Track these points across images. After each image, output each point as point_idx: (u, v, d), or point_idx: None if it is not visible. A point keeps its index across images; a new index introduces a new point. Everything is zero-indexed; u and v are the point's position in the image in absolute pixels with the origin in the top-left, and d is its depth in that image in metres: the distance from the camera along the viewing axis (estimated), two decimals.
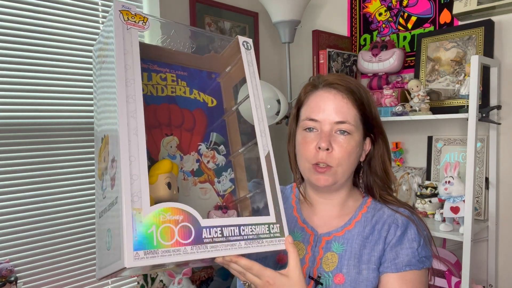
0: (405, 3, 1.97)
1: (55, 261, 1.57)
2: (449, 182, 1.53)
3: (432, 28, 1.90)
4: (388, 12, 2.04)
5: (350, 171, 0.87)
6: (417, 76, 1.87)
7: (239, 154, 0.82)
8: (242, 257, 0.64)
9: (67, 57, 1.60)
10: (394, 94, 1.81)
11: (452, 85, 1.76)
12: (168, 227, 0.56)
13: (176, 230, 0.57)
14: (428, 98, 1.70)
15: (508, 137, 1.69)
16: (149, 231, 0.55)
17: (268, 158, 0.71)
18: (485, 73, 1.65)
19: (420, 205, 1.74)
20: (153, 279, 1.72)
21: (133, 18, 0.65)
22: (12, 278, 1.39)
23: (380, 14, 2.07)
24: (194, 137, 0.81)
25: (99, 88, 0.71)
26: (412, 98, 1.72)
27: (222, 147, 0.83)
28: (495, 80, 1.64)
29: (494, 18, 1.69)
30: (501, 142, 1.70)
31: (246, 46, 0.76)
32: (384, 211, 0.87)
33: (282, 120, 1.92)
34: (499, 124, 1.67)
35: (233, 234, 0.62)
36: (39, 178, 1.54)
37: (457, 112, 1.59)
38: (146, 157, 0.58)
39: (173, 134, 0.78)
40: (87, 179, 1.67)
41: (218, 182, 0.82)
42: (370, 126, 0.88)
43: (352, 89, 0.85)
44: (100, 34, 0.72)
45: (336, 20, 2.23)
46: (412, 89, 1.71)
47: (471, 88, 1.47)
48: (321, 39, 2.01)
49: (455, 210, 1.52)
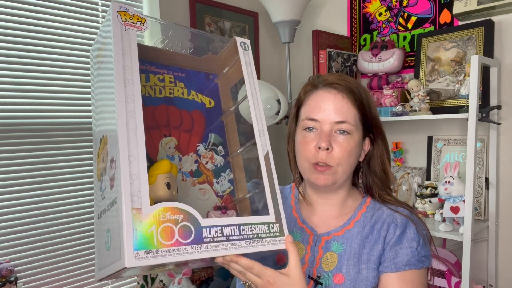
0: (405, 3, 1.97)
1: (55, 261, 1.57)
2: (449, 182, 1.53)
3: (432, 28, 1.90)
4: (388, 12, 2.04)
5: (349, 171, 0.87)
6: (417, 76, 1.87)
7: (238, 155, 0.82)
8: (243, 256, 0.64)
9: (67, 57, 1.60)
10: (394, 94, 1.81)
11: (452, 85, 1.76)
12: (168, 227, 0.56)
13: (176, 229, 0.57)
14: (428, 98, 1.70)
15: (508, 137, 1.69)
16: (149, 231, 0.54)
17: (267, 157, 0.70)
18: (485, 73, 1.65)
19: (420, 205, 1.74)
20: (153, 279, 1.72)
21: (131, 19, 0.65)
22: (12, 278, 1.39)
23: (380, 14, 2.07)
24: (193, 138, 0.80)
25: (97, 88, 0.71)
26: (412, 98, 1.72)
27: (220, 148, 0.83)
28: (495, 80, 1.64)
29: (494, 18, 1.69)
30: (501, 142, 1.70)
31: (243, 47, 0.76)
32: (383, 211, 0.88)
33: (282, 120, 1.91)
34: (499, 124, 1.67)
35: (233, 234, 0.62)
36: (39, 178, 1.54)
37: (457, 112, 1.59)
38: (145, 156, 0.58)
39: (171, 135, 0.78)
40: (87, 179, 1.66)
41: (217, 182, 0.81)
42: (370, 126, 0.88)
43: (352, 89, 0.85)
44: (98, 35, 0.72)
45: (336, 20, 2.23)
46: (412, 89, 1.71)
47: (471, 88, 1.47)
48: (321, 39, 2.01)
49: (455, 210, 1.52)
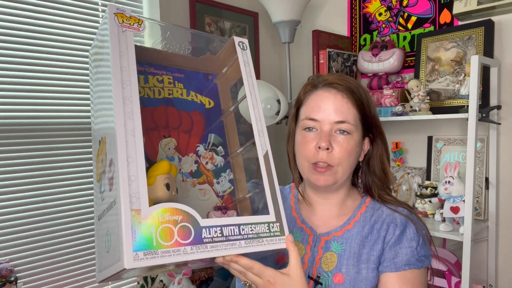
0: (405, 3, 1.97)
1: (55, 261, 1.57)
2: (449, 182, 1.53)
3: (432, 28, 1.90)
4: (388, 12, 2.04)
5: (350, 171, 0.87)
6: (417, 76, 1.87)
7: (238, 155, 0.82)
8: (243, 256, 0.64)
9: (67, 57, 1.60)
10: (394, 94, 1.81)
11: (452, 85, 1.76)
12: (167, 228, 0.56)
13: (175, 230, 0.57)
14: (428, 98, 1.70)
15: (508, 137, 1.69)
16: (148, 232, 0.54)
17: (266, 157, 0.70)
18: (485, 73, 1.65)
19: (420, 205, 1.74)
20: (153, 279, 1.72)
21: (128, 20, 0.65)
22: (12, 278, 1.39)
23: (380, 14, 2.07)
24: (192, 138, 0.80)
25: (96, 92, 0.71)
26: (412, 98, 1.72)
27: (220, 148, 0.83)
28: (495, 80, 1.63)
29: (494, 18, 1.69)
30: (501, 142, 1.69)
31: (241, 47, 0.76)
32: (383, 211, 0.88)
33: (282, 120, 1.92)
34: (499, 124, 1.67)
35: (233, 234, 0.61)
36: (39, 178, 1.54)
37: (457, 112, 1.59)
38: (144, 158, 0.58)
39: (171, 136, 0.78)
40: (87, 179, 1.67)
41: (217, 183, 0.81)
42: (369, 126, 0.88)
43: (351, 89, 0.85)
44: (95, 37, 0.72)
45: (336, 20, 2.23)
46: (412, 89, 1.71)
47: (471, 88, 1.47)
48: (321, 39, 2.01)
49: (455, 210, 1.52)
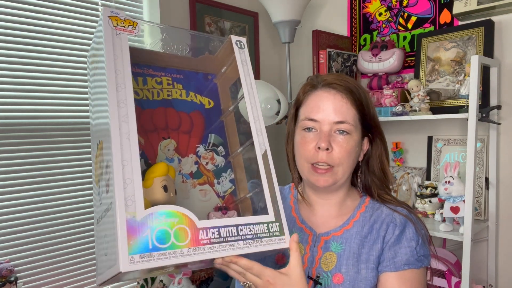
0: (405, 3, 1.97)
1: (55, 261, 1.57)
2: (449, 182, 1.53)
3: (432, 28, 1.90)
4: (388, 12, 2.04)
5: (349, 171, 0.87)
6: (417, 76, 1.87)
7: (238, 155, 0.82)
8: (242, 257, 0.64)
9: (67, 57, 1.60)
10: (394, 94, 1.81)
11: (452, 85, 1.76)
12: (163, 230, 0.56)
13: (171, 232, 0.56)
14: (428, 98, 1.70)
15: (508, 137, 1.69)
16: (144, 235, 0.54)
17: (265, 156, 0.70)
18: (485, 73, 1.65)
19: (420, 205, 1.74)
20: (153, 279, 1.72)
21: (122, 23, 0.66)
22: (12, 278, 1.39)
23: (380, 14, 2.06)
24: (192, 139, 0.80)
25: (93, 95, 0.71)
26: (412, 98, 1.72)
27: (221, 148, 0.83)
28: (495, 80, 1.63)
29: (494, 18, 1.68)
30: (501, 142, 1.69)
31: (239, 45, 0.76)
32: (382, 211, 0.88)
33: (282, 120, 1.92)
34: (499, 124, 1.66)
35: (230, 235, 0.61)
36: (39, 178, 1.54)
37: (457, 112, 1.59)
38: (139, 160, 0.58)
39: (170, 137, 0.78)
40: (87, 179, 1.66)
41: (218, 183, 0.81)
42: (368, 126, 0.88)
43: (351, 89, 0.85)
44: (92, 41, 0.72)
45: (336, 20, 2.23)
46: (412, 89, 1.71)
47: (471, 88, 1.47)
48: (321, 39, 2.01)
49: (455, 210, 1.52)
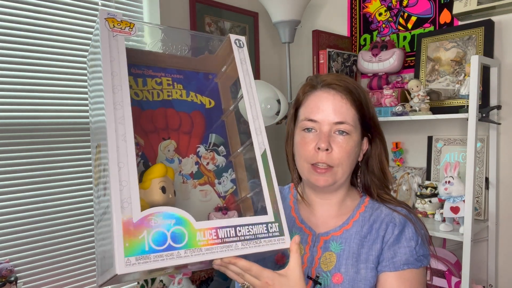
0: (405, 3, 1.97)
1: (55, 261, 1.57)
2: (449, 182, 1.53)
3: (432, 28, 1.90)
4: (388, 12, 2.03)
5: (349, 171, 0.87)
6: (417, 76, 1.87)
7: (239, 154, 0.81)
8: (241, 258, 0.63)
9: (67, 57, 1.60)
10: (394, 94, 1.81)
11: (452, 85, 1.76)
12: (160, 232, 0.56)
13: (168, 234, 0.56)
14: (428, 98, 1.70)
15: (508, 137, 1.68)
16: (140, 237, 0.54)
17: (264, 156, 0.69)
18: (485, 73, 1.65)
19: (420, 205, 1.74)
20: (153, 280, 1.72)
21: (119, 25, 0.66)
22: (12, 278, 1.39)
23: (380, 14, 2.06)
24: (193, 139, 0.80)
25: (92, 97, 0.71)
26: (412, 98, 1.72)
27: (221, 148, 0.82)
28: (495, 80, 1.63)
29: (494, 18, 1.68)
30: (501, 142, 1.69)
31: (238, 44, 0.76)
32: (381, 210, 0.87)
33: (282, 120, 1.91)
34: (499, 124, 1.66)
35: (228, 236, 0.61)
36: (39, 178, 1.54)
37: (457, 112, 1.59)
38: (136, 162, 0.58)
39: (170, 137, 0.78)
40: (87, 179, 1.67)
41: (219, 183, 0.81)
42: (368, 126, 0.88)
43: (350, 89, 0.85)
44: (90, 43, 0.72)
45: (336, 20, 2.23)
46: (412, 89, 1.71)
47: (471, 88, 1.47)
48: (321, 39, 2.01)
49: (455, 210, 1.52)
